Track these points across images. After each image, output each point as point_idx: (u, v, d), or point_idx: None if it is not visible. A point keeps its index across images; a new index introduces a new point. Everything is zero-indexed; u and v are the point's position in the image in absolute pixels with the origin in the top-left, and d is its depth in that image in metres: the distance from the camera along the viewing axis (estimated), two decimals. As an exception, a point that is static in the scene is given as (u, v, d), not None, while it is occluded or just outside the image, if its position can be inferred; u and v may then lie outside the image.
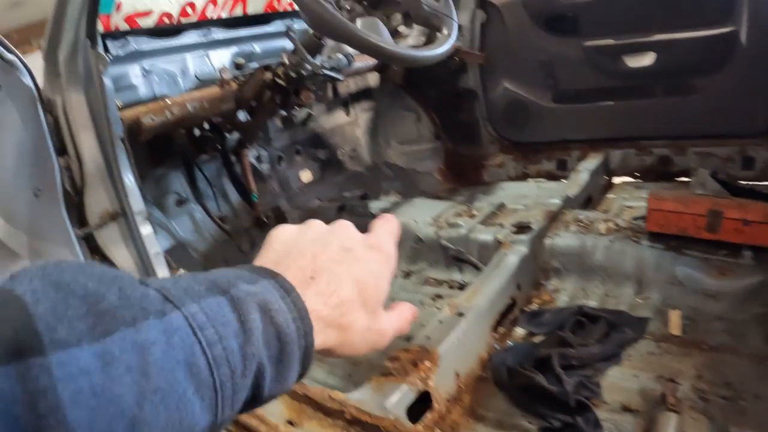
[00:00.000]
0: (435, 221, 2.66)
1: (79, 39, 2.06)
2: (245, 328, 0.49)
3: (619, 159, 3.32)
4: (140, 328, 0.42)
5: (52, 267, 0.43)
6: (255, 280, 0.54)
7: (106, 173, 2.10)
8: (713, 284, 2.05)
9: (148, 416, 0.41)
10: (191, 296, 0.48)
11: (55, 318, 0.39)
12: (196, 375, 0.45)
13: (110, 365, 0.39)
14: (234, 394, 0.48)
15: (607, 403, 1.69)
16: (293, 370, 0.55)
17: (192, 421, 0.44)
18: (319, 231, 0.69)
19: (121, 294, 0.44)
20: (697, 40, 2.88)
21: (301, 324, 0.55)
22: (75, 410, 0.37)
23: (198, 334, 0.46)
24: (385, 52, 1.76)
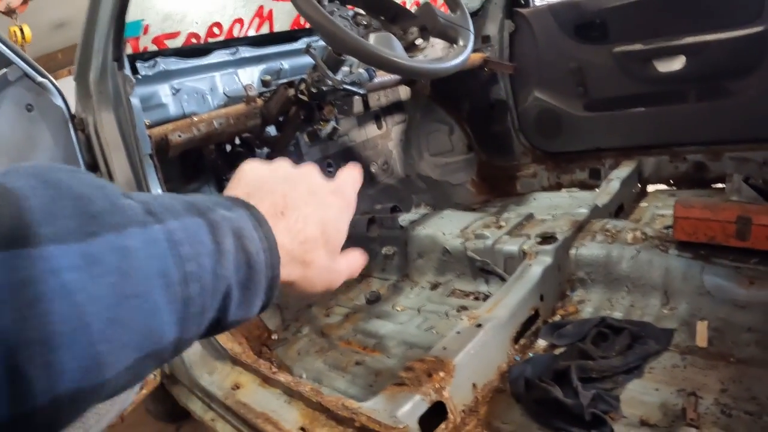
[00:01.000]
0: (462, 233, 2.66)
1: (107, 62, 2.14)
2: (219, 249, 0.51)
3: (652, 166, 3.28)
4: (124, 234, 0.44)
5: (46, 167, 0.45)
6: (231, 208, 0.56)
7: (135, 188, 2.15)
8: (743, 294, 2.00)
9: (123, 318, 0.42)
10: (171, 213, 0.50)
11: (47, 214, 0.40)
12: (169, 287, 0.46)
13: (94, 265, 0.41)
14: (202, 312, 0.50)
15: (625, 417, 1.66)
16: (258, 298, 0.57)
17: (161, 331, 0.46)
18: (288, 171, 0.70)
19: (109, 201, 0.45)
20: (728, 42, 2.83)
21: (269, 255, 0.57)
22: (57, 303, 0.38)
23: (175, 249, 0.47)
24: (398, 66, 1.77)
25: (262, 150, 2.87)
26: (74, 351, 0.39)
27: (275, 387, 1.89)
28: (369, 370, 2.22)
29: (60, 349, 0.38)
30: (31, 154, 2.10)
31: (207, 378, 2.14)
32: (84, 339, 0.40)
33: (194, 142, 2.41)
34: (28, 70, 2.04)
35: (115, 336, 0.42)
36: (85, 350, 0.40)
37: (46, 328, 0.38)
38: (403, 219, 2.94)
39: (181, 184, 2.86)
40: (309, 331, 2.65)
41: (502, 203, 3.52)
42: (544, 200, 3.35)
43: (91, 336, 0.40)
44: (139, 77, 2.59)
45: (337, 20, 1.74)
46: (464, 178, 3.95)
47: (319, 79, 2.27)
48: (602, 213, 2.65)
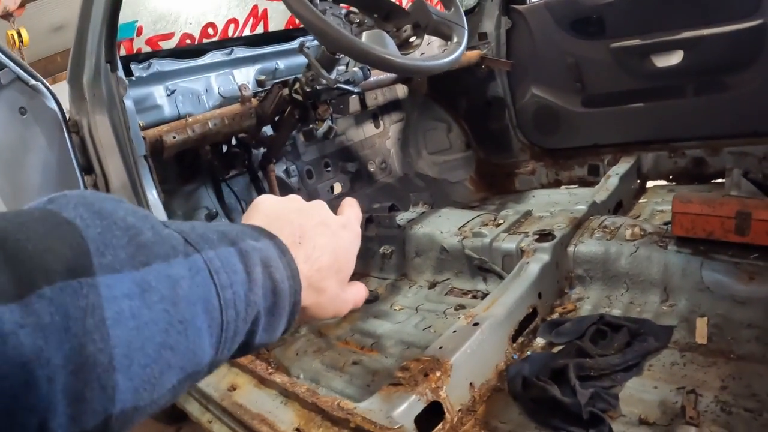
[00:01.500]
0: (460, 231, 2.64)
1: (101, 64, 2.13)
2: (250, 278, 0.55)
3: (651, 162, 3.27)
4: (172, 263, 0.48)
5: (92, 196, 0.47)
6: (257, 238, 0.60)
7: (130, 190, 2.15)
8: (743, 290, 1.98)
9: (172, 343, 0.46)
10: (207, 243, 0.53)
11: (103, 244, 0.43)
12: (210, 312, 0.50)
13: (147, 292, 0.44)
14: (234, 336, 0.54)
15: (624, 416, 1.64)
16: (282, 323, 0.62)
17: (202, 353, 0.50)
18: (301, 204, 0.75)
19: (154, 231, 0.48)
20: (726, 36, 2.81)
21: (293, 282, 0.62)
22: (116, 328, 0.41)
23: (214, 277, 0.51)
24: (391, 64, 1.76)
25: (258, 150, 2.87)
26: (129, 373, 0.42)
27: (271, 388, 1.88)
28: (366, 369, 2.21)
29: (117, 372, 0.41)
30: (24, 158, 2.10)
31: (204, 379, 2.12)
32: (138, 362, 0.43)
33: (189, 143, 2.41)
34: (21, 73, 2.03)
35: (165, 359, 0.45)
36: (138, 372, 0.43)
37: (106, 353, 0.40)
38: (400, 218, 2.93)
39: (178, 186, 2.86)
40: (307, 331, 2.63)
41: (501, 201, 3.51)
42: (543, 197, 3.34)
43: (145, 359, 0.43)
44: (133, 79, 2.59)
45: (330, 18, 1.74)
46: (462, 176, 3.95)
47: (313, 78, 2.26)
48: (601, 209, 2.64)
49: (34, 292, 0.38)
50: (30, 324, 0.37)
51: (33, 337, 0.37)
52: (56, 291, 0.39)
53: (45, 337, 0.37)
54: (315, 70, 2.14)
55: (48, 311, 0.38)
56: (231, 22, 2.84)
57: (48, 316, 0.38)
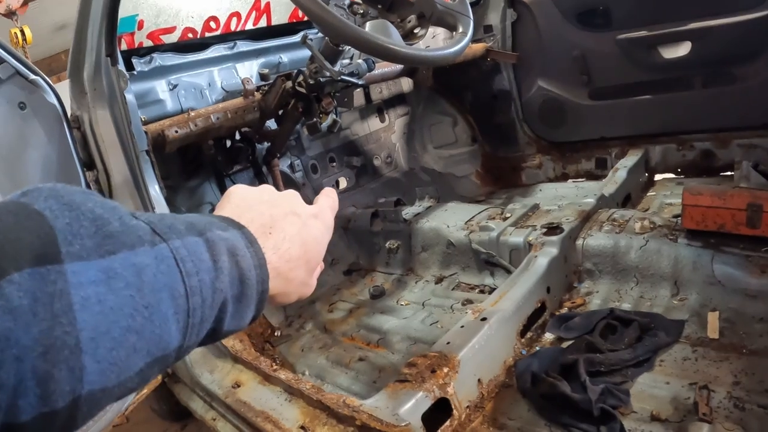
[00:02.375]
0: (467, 225, 2.62)
1: (101, 58, 2.12)
2: (216, 266, 0.58)
3: (659, 155, 3.23)
4: (137, 252, 0.50)
5: (63, 189, 0.49)
6: (225, 228, 0.63)
7: (132, 185, 2.14)
8: (754, 283, 1.95)
9: (138, 327, 0.48)
10: (175, 233, 0.55)
11: (71, 234, 0.46)
12: (176, 299, 0.52)
13: (113, 279, 0.47)
14: (201, 323, 0.56)
15: (635, 412, 1.62)
16: (250, 311, 0.64)
17: (168, 338, 0.52)
18: (273, 195, 0.76)
19: (122, 222, 0.51)
20: (734, 26, 2.78)
21: (260, 271, 0.64)
22: (83, 313, 0.43)
23: (180, 265, 0.53)
24: (395, 54, 1.73)
25: (262, 144, 2.84)
26: (96, 355, 0.44)
27: (275, 385, 1.86)
28: (372, 366, 2.18)
29: (84, 354, 0.43)
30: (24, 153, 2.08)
31: (208, 376, 2.12)
32: (104, 345, 0.45)
33: (191, 137, 2.40)
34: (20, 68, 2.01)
35: (130, 342, 0.47)
36: (104, 355, 0.45)
37: (73, 335, 0.43)
38: (406, 212, 2.90)
39: (182, 181, 2.84)
40: (312, 327, 2.61)
41: (507, 195, 3.49)
42: (550, 191, 3.32)
43: (110, 342, 0.46)
44: (135, 73, 2.57)
45: (333, 9, 1.70)
46: (468, 170, 3.92)
47: (317, 71, 2.24)
48: (609, 202, 2.61)
49: (4, 278, 0.40)
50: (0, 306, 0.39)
51: (2, 319, 0.39)
52: (24, 277, 0.41)
53: (14, 318, 0.39)
54: (318, 62, 2.11)
55: (17, 295, 0.40)
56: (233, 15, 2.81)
57: (17, 299, 0.40)
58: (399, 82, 3.64)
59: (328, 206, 0.84)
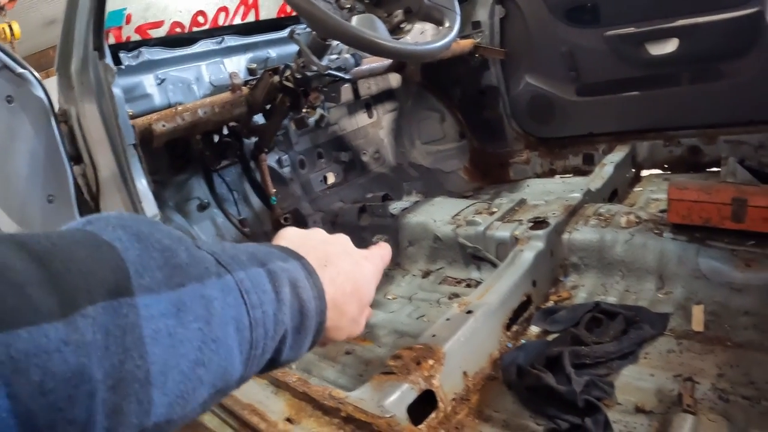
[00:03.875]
0: (454, 220, 2.62)
1: (88, 52, 2.12)
2: (279, 298, 0.59)
3: (646, 151, 3.25)
4: (205, 284, 0.51)
5: (129, 219, 0.50)
6: (286, 259, 0.64)
7: (120, 179, 2.14)
8: (739, 277, 1.96)
9: (206, 360, 0.48)
10: (238, 264, 0.56)
11: (141, 266, 0.46)
12: (241, 332, 0.53)
13: (182, 312, 0.47)
14: (262, 354, 0.57)
15: (620, 404, 1.63)
16: (307, 341, 0.65)
17: (232, 371, 0.52)
18: (325, 235, 0.80)
19: (189, 253, 0.51)
20: (721, 23, 2.79)
21: (319, 303, 0.65)
22: (153, 346, 0.44)
23: (245, 297, 0.54)
24: (382, 48, 1.74)
25: (250, 140, 2.84)
26: (164, 389, 0.45)
27: (262, 377, 1.86)
28: (359, 359, 2.19)
29: (154, 387, 0.44)
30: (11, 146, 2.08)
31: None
32: (173, 378, 0.45)
33: (179, 131, 2.39)
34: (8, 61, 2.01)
35: (198, 375, 0.48)
36: (173, 388, 0.45)
37: (143, 369, 0.43)
38: (394, 207, 2.91)
39: (170, 176, 2.84)
40: (299, 322, 2.61)
41: (495, 190, 3.50)
42: (538, 186, 3.33)
43: (179, 375, 0.46)
44: (122, 67, 2.57)
45: (320, 3, 1.71)
46: (456, 166, 3.93)
47: (304, 65, 2.24)
48: (595, 197, 2.62)
49: (78, 311, 0.40)
50: (74, 341, 0.38)
51: (77, 354, 0.38)
52: (98, 310, 0.41)
53: (87, 354, 0.39)
54: (305, 56, 2.12)
55: (91, 329, 0.40)
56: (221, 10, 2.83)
57: (90, 334, 0.40)
58: (387, 78, 3.65)
59: (379, 254, 0.87)
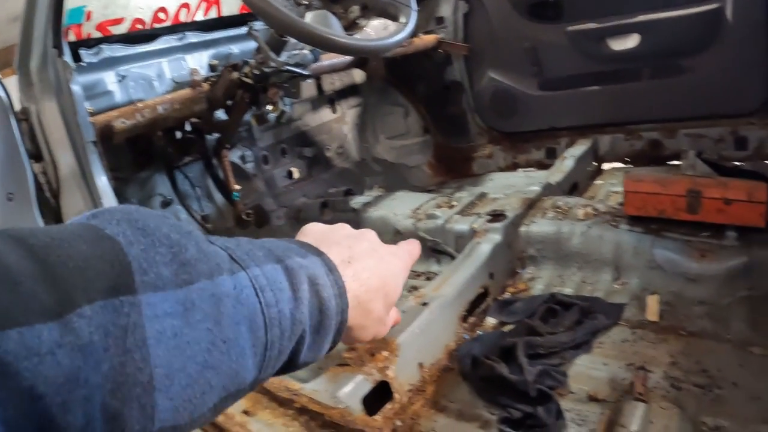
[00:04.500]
0: (414, 213, 2.64)
1: (48, 50, 2.11)
2: (296, 296, 0.55)
3: (608, 145, 3.28)
4: (216, 281, 0.47)
5: (136, 212, 0.47)
6: (305, 255, 0.60)
7: (80, 176, 2.13)
8: (694, 267, 2.00)
9: (215, 362, 0.45)
10: (253, 260, 0.53)
11: (146, 262, 0.43)
12: (254, 332, 0.49)
13: (190, 311, 0.44)
14: (278, 355, 0.53)
15: (573, 393, 1.65)
16: (327, 341, 0.61)
17: (245, 372, 0.49)
18: (350, 230, 0.74)
19: (198, 248, 0.48)
20: (682, 19, 2.83)
21: (340, 301, 0.61)
22: (157, 348, 0.41)
23: (259, 295, 0.51)
24: (335, 44, 1.75)
25: (212, 135, 2.84)
26: (169, 393, 0.42)
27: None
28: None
29: (157, 391, 0.41)
30: (-33, 144, 2.07)
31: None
32: (179, 382, 0.43)
33: (139, 128, 2.39)
34: (-37, 60, 2.00)
35: (206, 378, 0.45)
36: (178, 392, 0.43)
37: (146, 372, 0.40)
38: (355, 201, 2.92)
39: (133, 173, 2.84)
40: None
41: (458, 184, 3.52)
42: (500, 180, 3.35)
43: (186, 379, 0.43)
44: (82, 65, 2.56)
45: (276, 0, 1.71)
46: (420, 161, 3.94)
47: (262, 62, 2.25)
48: (555, 190, 2.65)
49: (74, 311, 0.37)
50: (68, 343, 0.36)
51: (71, 357, 0.36)
52: (96, 310, 0.38)
53: (84, 356, 0.37)
54: (263, 52, 2.13)
55: (87, 330, 0.37)
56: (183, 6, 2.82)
57: (87, 335, 0.37)
58: (351, 74, 3.66)
59: (407, 250, 0.82)
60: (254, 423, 1.53)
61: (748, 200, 1.96)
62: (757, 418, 1.49)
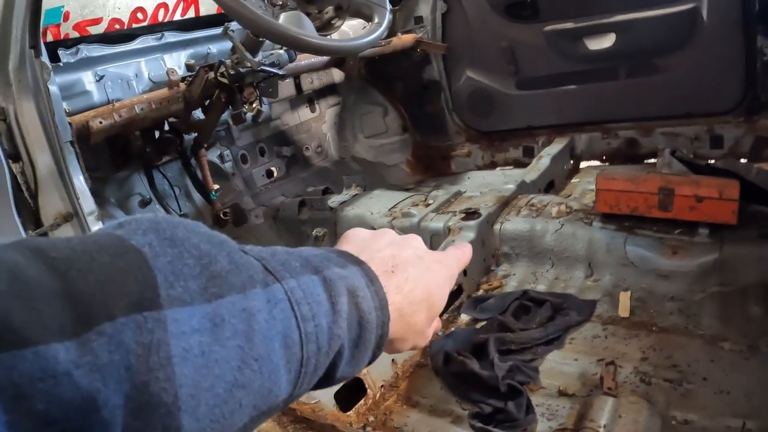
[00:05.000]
0: (390, 212, 2.66)
1: (25, 50, 2.10)
2: (335, 309, 0.51)
3: (584, 143, 3.31)
4: (248, 295, 0.44)
5: (164, 222, 0.44)
6: (344, 265, 0.56)
7: (58, 177, 2.12)
8: (666, 264, 2.03)
9: (245, 381, 0.43)
10: (289, 271, 0.50)
11: (173, 275, 0.40)
12: (289, 348, 0.46)
13: (219, 327, 0.41)
14: (314, 371, 0.50)
15: (543, 388, 1.68)
16: (366, 356, 0.57)
17: (278, 390, 0.46)
18: (394, 236, 0.71)
19: (230, 259, 0.45)
20: (658, 19, 2.86)
21: (380, 313, 0.57)
22: (183, 367, 0.38)
23: (295, 309, 0.48)
24: (307, 44, 1.76)
25: (190, 135, 2.84)
26: (196, 414, 0.39)
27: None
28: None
29: (183, 412, 0.38)
30: (-58, 145, 2.07)
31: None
32: (207, 402, 0.40)
33: (116, 128, 2.39)
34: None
35: (236, 398, 0.42)
36: (206, 413, 0.40)
37: (170, 392, 0.38)
38: (333, 200, 2.93)
39: (111, 173, 2.83)
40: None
41: (436, 183, 3.53)
42: (478, 179, 3.38)
43: (213, 399, 0.41)
44: (60, 65, 2.55)
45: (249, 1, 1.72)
46: (399, 159, 3.96)
47: (238, 62, 2.25)
48: (530, 189, 2.67)
49: (93, 329, 0.35)
50: (86, 363, 0.34)
51: (89, 378, 0.34)
52: (117, 327, 0.36)
53: (103, 377, 0.35)
54: (239, 52, 2.13)
55: (107, 349, 0.35)
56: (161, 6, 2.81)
57: (107, 354, 0.35)
58: (330, 73, 3.65)
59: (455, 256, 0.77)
60: (227, 419, 1.54)
61: (720, 198, 1.98)
62: (726, 412, 1.52)
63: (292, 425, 1.46)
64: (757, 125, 2.86)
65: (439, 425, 1.61)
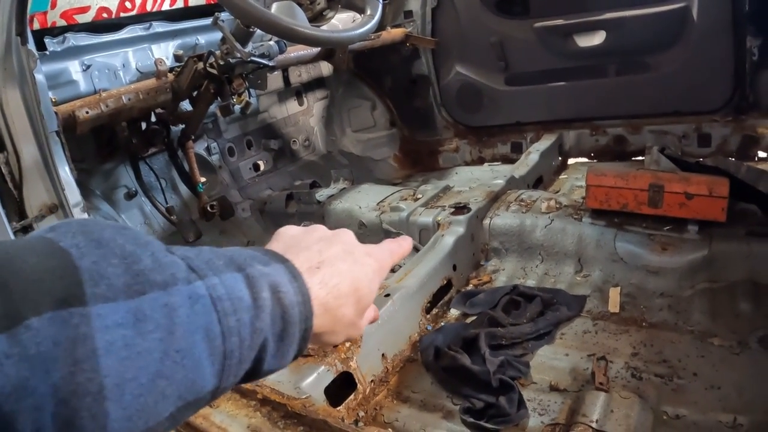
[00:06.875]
0: (378, 206, 2.65)
1: (11, 37, 2.07)
2: (257, 304, 0.54)
3: (573, 140, 3.32)
4: (170, 291, 0.47)
5: (92, 224, 0.47)
6: (268, 263, 0.59)
7: (43, 167, 2.10)
8: (656, 260, 2.03)
9: (168, 372, 0.45)
10: (212, 269, 0.53)
11: (97, 273, 0.43)
12: (211, 341, 0.49)
13: (141, 322, 0.44)
14: (239, 364, 0.53)
15: (535, 383, 1.67)
16: (292, 349, 0.60)
17: (202, 383, 0.49)
18: (324, 233, 0.73)
19: (154, 258, 0.48)
20: (649, 17, 2.86)
21: (303, 308, 0.60)
22: (107, 358, 0.41)
23: (216, 305, 0.50)
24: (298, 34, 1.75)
25: (177, 126, 2.82)
26: (121, 402, 0.42)
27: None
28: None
29: (108, 400, 0.41)
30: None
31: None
32: (131, 391, 0.43)
33: (103, 118, 2.36)
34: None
35: (160, 388, 0.45)
36: (131, 402, 0.43)
37: (96, 382, 0.41)
38: (320, 194, 2.92)
39: (97, 164, 2.81)
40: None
41: (424, 178, 3.54)
42: (466, 174, 3.38)
43: (138, 388, 0.43)
44: (47, 53, 2.52)
45: (244, -11, 1.71)
46: (387, 154, 3.96)
47: (227, 52, 2.22)
48: (519, 184, 2.67)
49: (21, 323, 0.38)
50: (15, 354, 0.37)
51: (17, 368, 0.37)
52: (43, 322, 0.39)
53: (31, 367, 0.38)
54: (229, 43, 2.11)
55: (34, 342, 0.38)
56: (150, -6, 2.78)
57: (34, 346, 0.38)
58: (318, 66, 3.63)
59: (389, 249, 0.79)
60: (217, 414, 1.52)
61: (710, 195, 1.99)
62: (716, 407, 1.52)
63: (282, 420, 1.44)
64: (744, 125, 2.88)
65: (430, 420, 1.60)
